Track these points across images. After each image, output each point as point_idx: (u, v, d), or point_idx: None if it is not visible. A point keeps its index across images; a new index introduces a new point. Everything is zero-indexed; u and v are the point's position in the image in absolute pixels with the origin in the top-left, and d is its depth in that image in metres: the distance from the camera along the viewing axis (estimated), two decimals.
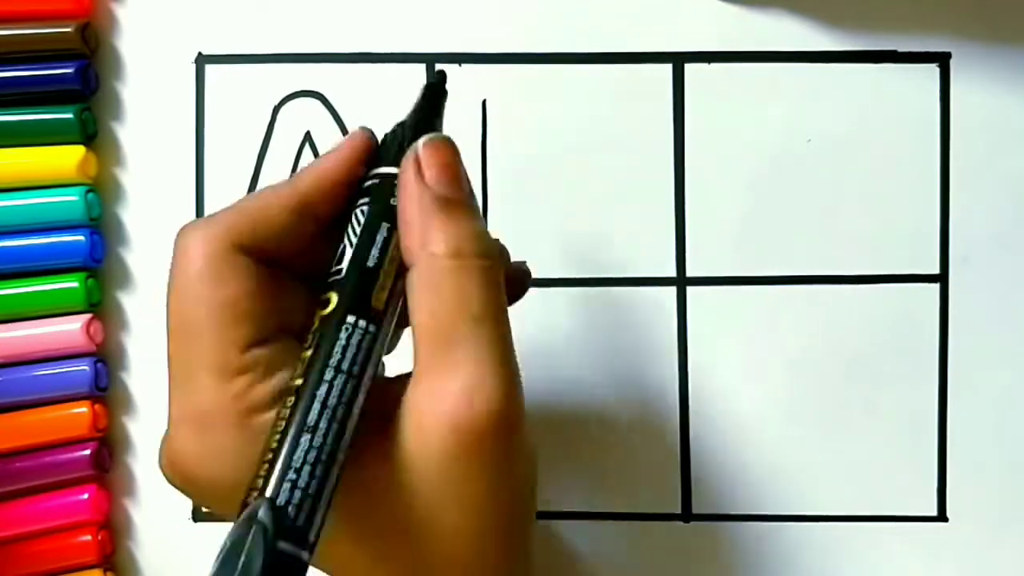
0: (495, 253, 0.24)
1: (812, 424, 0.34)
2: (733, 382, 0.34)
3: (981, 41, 0.34)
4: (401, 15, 0.34)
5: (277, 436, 0.22)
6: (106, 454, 0.35)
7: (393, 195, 0.24)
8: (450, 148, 0.25)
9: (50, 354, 0.34)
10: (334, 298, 0.23)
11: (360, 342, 0.23)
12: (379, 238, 0.24)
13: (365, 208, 0.24)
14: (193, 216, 0.35)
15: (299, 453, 0.21)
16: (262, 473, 0.21)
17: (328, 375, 0.22)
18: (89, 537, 0.34)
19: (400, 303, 0.24)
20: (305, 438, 0.21)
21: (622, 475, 0.34)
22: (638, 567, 0.34)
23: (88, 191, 0.34)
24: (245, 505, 0.21)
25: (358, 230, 0.24)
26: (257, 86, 0.35)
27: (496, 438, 0.22)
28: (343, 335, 0.23)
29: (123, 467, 0.35)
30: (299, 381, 0.22)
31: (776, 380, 0.34)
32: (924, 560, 0.34)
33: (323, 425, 0.22)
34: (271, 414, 0.23)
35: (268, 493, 0.21)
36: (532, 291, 0.34)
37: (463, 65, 0.34)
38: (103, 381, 0.35)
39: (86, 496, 0.34)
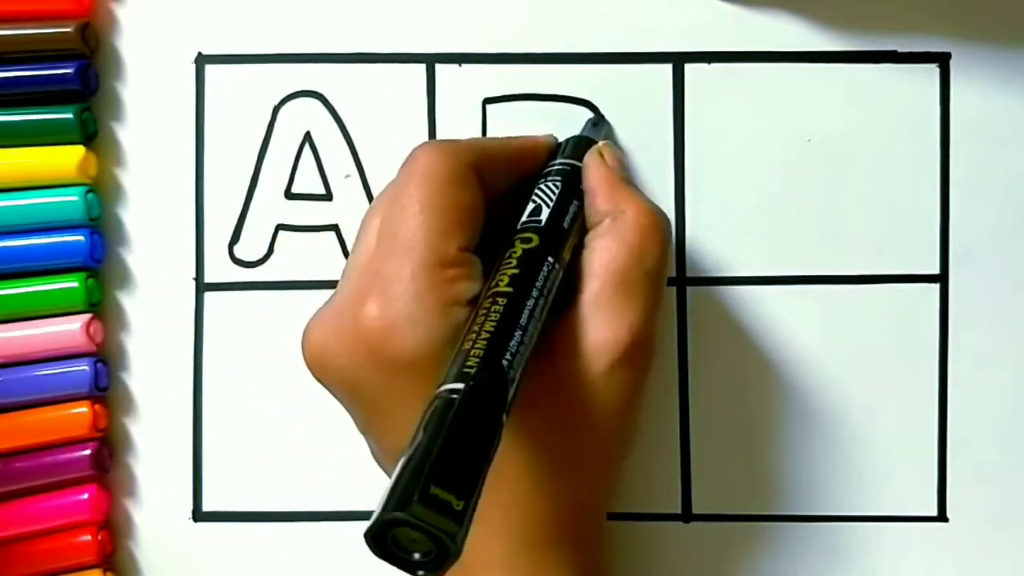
0: (669, 221, 0.30)
1: (812, 424, 0.34)
2: (733, 382, 0.34)
3: (981, 41, 0.34)
4: (401, 15, 0.34)
5: (493, 324, 0.25)
6: (106, 454, 0.35)
7: (579, 182, 0.30)
8: (618, 149, 0.33)
9: (50, 354, 0.34)
10: (536, 238, 0.28)
11: (554, 278, 0.27)
12: (571, 209, 0.29)
13: (558, 182, 0.30)
14: (193, 216, 0.35)
15: (513, 343, 0.25)
16: (478, 349, 0.24)
17: (535, 292, 0.26)
18: (89, 537, 0.34)
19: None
20: (518, 334, 0.25)
21: (622, 475, 0.34)
22: (638, 567, 0.34)
23: (88, 191, 0.34)
24: (464, 365, 0.23)
25: (553, 195, 0.29)
26: (257, 86, 0.35)
27: (641, 364, 0.29)
28: (545, 268, 0.27)
29: (123, 467, 0.35)
30: (509, 289, 0.26)
31: (776, 380, 0.34)
32: (924, 560, 0.34)
33: (529, 328, 0.25)
34: (466, 310, 0.26)
35: (492, 362, 0.24)
36: None
37: (463, 65, 0.34)
38: (103, 381, 0.35)
39: (86, 496, 0.34)
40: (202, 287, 0.35)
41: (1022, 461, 0.34)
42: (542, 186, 0.30)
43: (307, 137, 0.35)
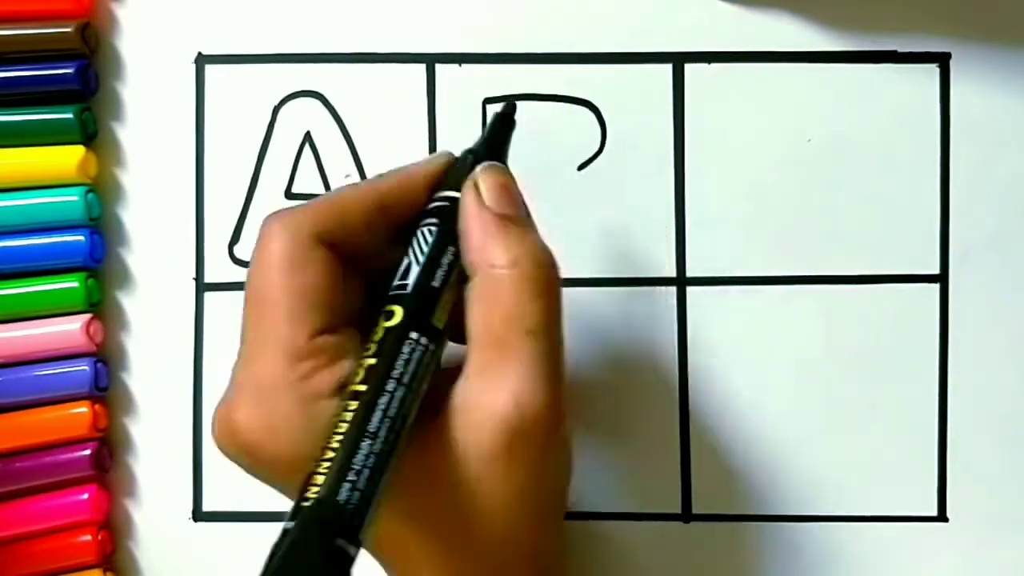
0: (551, 262, 0.26)
1: (812, 424, 0.34)
2: (733, 382, 0.34)
3: (981, 41, 0.34)
4: (401, 15, 0.34)
5: (339, 437, 0.23)
6: (106, 454, 0.35)
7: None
8: (505, 172, 0.28)
9: (50, 354, 0.34)
10: (399, 312, 0.25)
11: (420, 358, 0.24)
12: (444, 261, 0.26)
13: (432, 228, 0.26)
14: (193, 216, 0.35)
15: (359, 457, 0.22)
16: (322, 470, 0.22)
17: (390, 386, 0.24)
18: (89, 537, 0.34)
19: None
20: (366, 443, 0.23)
21: (622, 475, 0.34)
22: (638, 567, 0.34)
23: (88, 191, 0.34)
24: (303, 496, 0.22)
25: (424, 248, 0.26)
26: (257, 86, 0.35)
27: (537, 438, 0.25)
28: (406, 349, 0.24)
29: (123, 467, 0.35)
30: (362, 387, 0.24)
31: (776, 380, 0.34)
32: (924, 560, 0.34)
33: (382, 433, 0.23)
34: (331, 402, 0.24)
35: (328, 492, 0.22)
36: None
37: (463, 65, 0.34)
38: (103, 381, 0.35)
39: (86, 496, 0.34)
40: (202, 287, 0.35)
41: (1022, 461, 0.34)
42: (417, 234, 0.26)
43: (307, 137, 0.35)
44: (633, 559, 0.34)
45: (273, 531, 0.34)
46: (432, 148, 0.34)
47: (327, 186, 0.35)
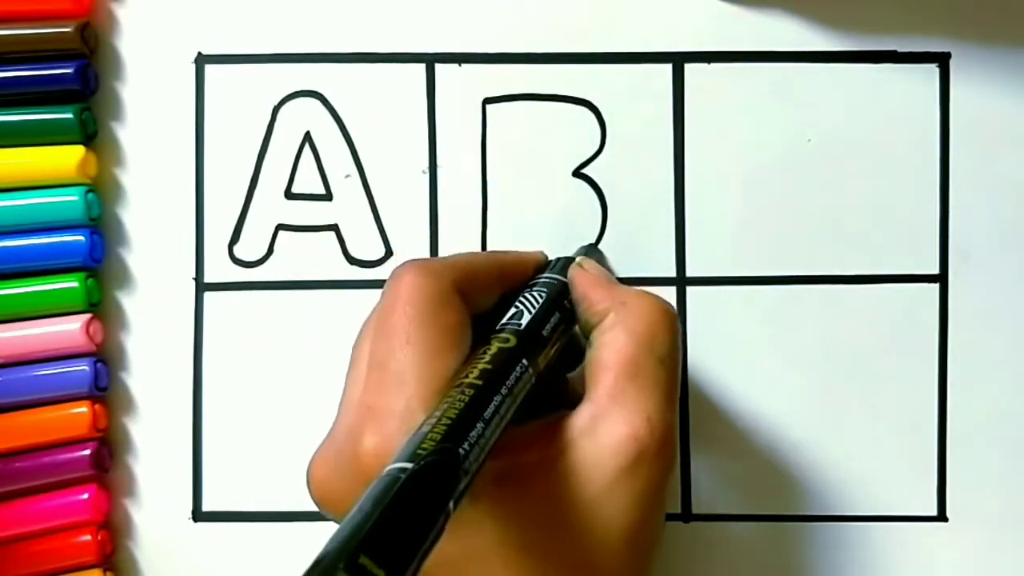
0: (674, 307, 0.28)
1: (812, 424, 0.34)
2: (733, 382, 0.34)
3: (981, 41, 0.34)
4: (401, 15, 0.34)
5: (456, 411, 0.23)
6: (106, 454, 0.35)
7: (564, 297, 0.29)
8: (602, 262, 0.33)
9: (50, 354, 0.34)
10: (513, 339, 0.27)
11: (526, 381, 0.26)
12: (552, 319, 0.28)
13: (543, 292, 0.29)
14: (193, 216, 0.35)
15: (474, 434, 0.23)
16: (436, 432, 0.23)
17: (503, 390, 0.25)
18: (89, 537, 0.34)
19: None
20: (479, 426, 0.24)
21: None
22: None
23: (88, 191, 0.34)
24: (420, 448, 0.22)
25: (536, 302, 0.28)
26: (257, 86, 0.35)
27: (661, 461, 0.26)
28: (518, 369, 0.26)
29: (123, 467, 0.35)
30: (478, 381, 0.25)
31: (776, 380, 0.34)
32: (924, 560, 0.34)
33: (492, 423, 0.24)
34: None
35: (451, 448, 0.23)
36: None
37: (463, 65, 0.34)
38: (103, 381, 0.35)
39: (86, 496, 0.34)
40: (202, 287, 0.35)
41: (1022, 461, 0.34)
42: (526, 294, 0.29)
43: (307, 137, 0.35)
44: None
45: (273, 531, 0.35)
46: (432, 148, 0.34)
47: (327, 186, 0.35)
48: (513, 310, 0.28)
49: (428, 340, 0.26)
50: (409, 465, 0.22)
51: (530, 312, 0.28)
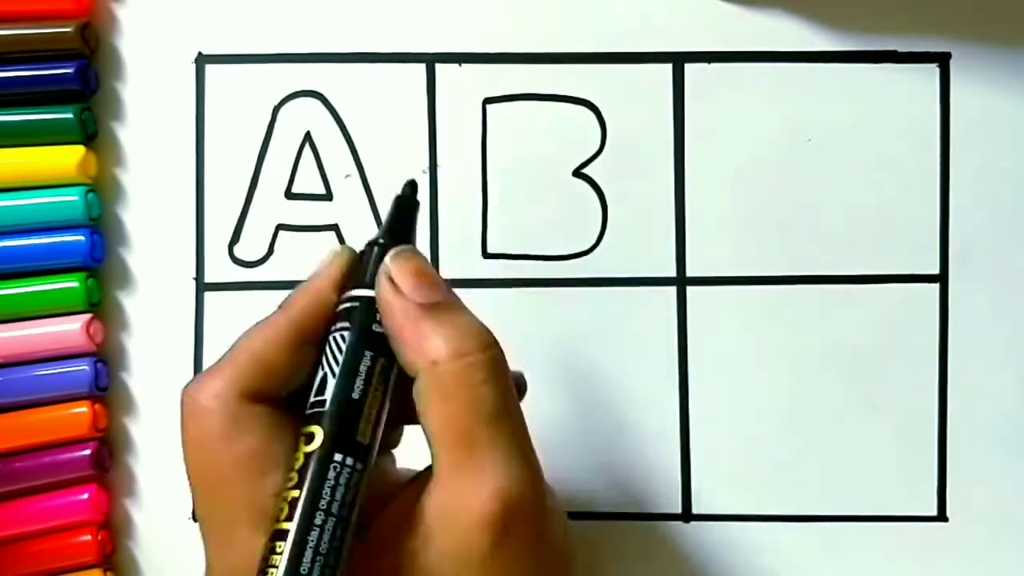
0: (493, 340, 0.24)
1: (812, 424, 0.34)
2: (733, 382, 0.34)
3: (981, 41, 0.34)
4: (401, 15, 0.34)
5: (276, 571, 0.21)
6: (106, 454, 0.35)
7: (373, 319, 0.24)
8: (416, 254, 0.25)
9: (50, 354, 0.34)
10: (318, 433, 0.23)
11: (348, 480, 0.23)
12: (362, 368, 0.24)
13: (345, 334, 0.24)
14: (193, 216, 0.35)
15: None
16: None
17: (318, 519, 0.22)
18: (89, 537, 0.34)
19: (382, 425, 0.24)
20: (305, 563, 0.21)
21: (622, 475, 0.34)
22: (638, 567, 0.34)
23: (88, 191, 0.34)
24: None
25: (338, 357, 0.24)
26: (257, 86, 0.35)
27: (529, 526, 0.23)
28: (331, 475, 0.23)
29: (123, 467, 0.35)
30: (287, 525, 0.22)
31: (776, 380, 0.34)
32: (924, 560, 0.34)
33: (316, 572, 0.21)
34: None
35: None
36: (531, 291, 0.34)
37: (463, 65, 0.34)
38: (103, 381, 0.35)
39: (86, 496, 0.34)
40: (202, 287, 0.35)
41: (1022, 461, 0.34)
42: (329, 343, 0.25)
43: (307, 137, 0.35)
44: (633, 559, 0.34)
45: None
46: (432, 148, 0.34)
47: (327, 186, 0.35)
48: (319, 376, 0.24)
49: (236, 480, 0.24)
50: None
51: (333, 374, 0.24)
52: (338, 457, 0.23)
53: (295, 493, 0.22)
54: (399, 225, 0.27)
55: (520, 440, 0.24)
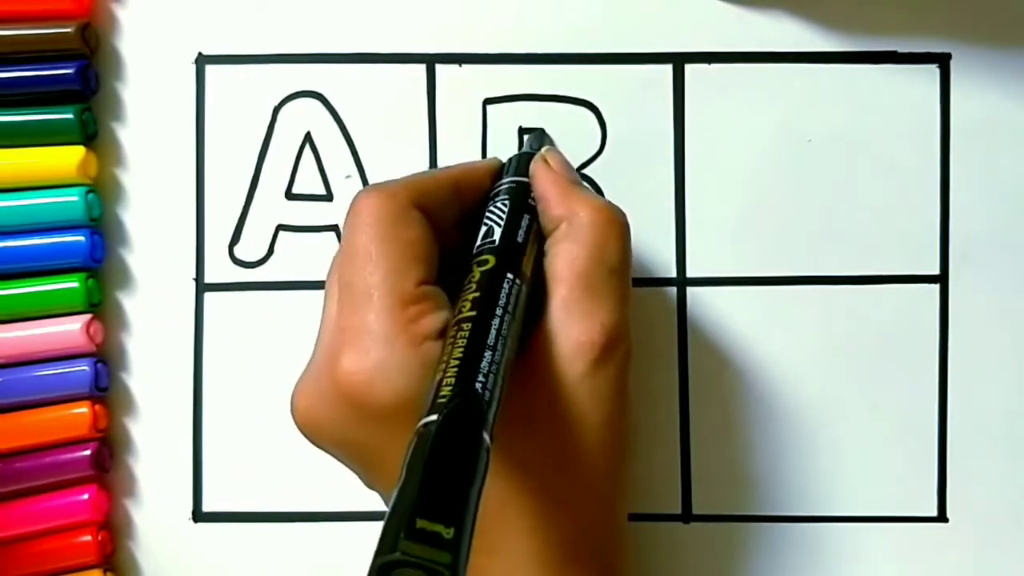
0: (624, 215, 0.29)
1: (812, 424, 0.34)
2: (733, 382, 0.34)
3: (981, 41, 0.34)
4: (401, 15, 0.34)
5: (461, 351, 0.24)
6: (106, 454, 0.35)
7: (527, 196, 0.30)
8: (561, 153, 0.32)
9: (50, 354, 0.34)
10: (492, 259, 0.27)
11: (517, 293, 0.27)
12: (523, 223, 0.29)
13: (505, 201, 0.30)
14: (193, 216, 0.35)
15: (484, 364, 0.24)
16: (449, 377, 0.23)
17: (498, 311, 0.26)
18: (89, 537, 0.34)
19: (531, 273, 0.28)
20: (488, 354, 0.24)
21: (631, 478, 0.34)
22: (638, 567, 0.34)
23: (88, 191, 0.34)
24: (437, 396, 0.23)
25: (503, 214, 0.29)
26: (257, 86, 0.35)
27: (617, 358, 0.28)
28: (506, 285, 0.26)
29: (123, 467, 0.35)
30: (472, 313, 0.25)
31: (776, 380, 0.34)
32: (924, 560, 0.34)
33: (499, 346, 0.25)
34: (436, 344, 0.26)
35: (465, 386, 0.23)
36: None
37: (463, 65, 0.34)
38: (103, 381, 0.35)
39: (86, 496, 0.34)
40: (202, 287, 0.35)
41: (1022, 461, 0.34)
42: (491, 208, 0.30)
43: (307, 137, 0.35)
44: (633, 559, 0.34)
45: (273, 531, 0.35)
46: (432, 148, 0.35)
47: (327, 186, 0.35)
48: (483, 228, 0.29)
49: (391, 256, 0.27)
50: (434, 417, 0.22)
51: (499, 226, 0.29)
52: (509, 275, 0.27)
53: (476, 295, 0.26)
54: (534, 142, 0.33)
55: (626, 295, 0.28)
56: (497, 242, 0.28)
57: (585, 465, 0.27)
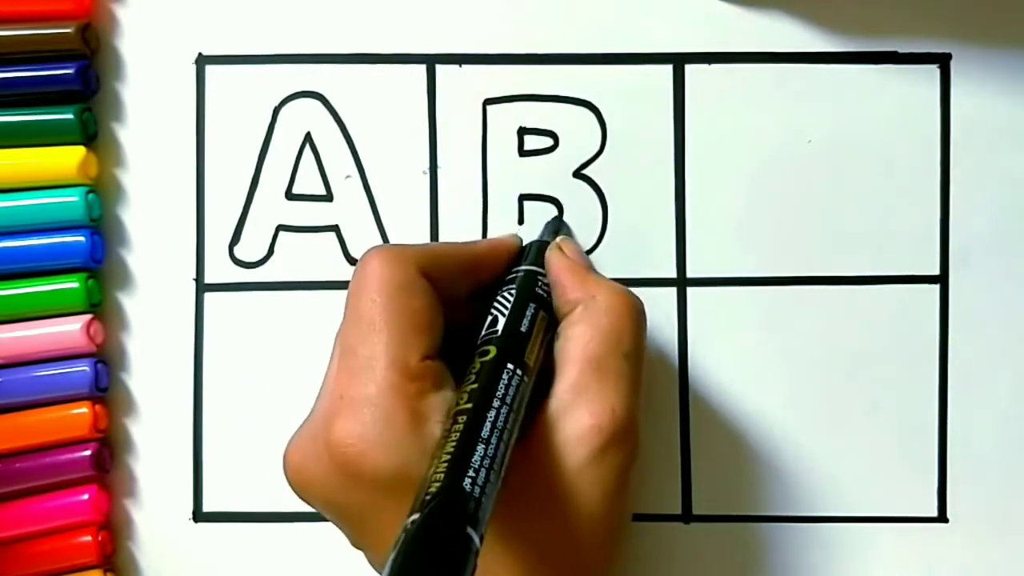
0: (641, 302, 0.29)
1: (812, 424, 0.34)
2: (733, 382, 0.34)
3: (981, 41, 0.34)
4: (401, 15, 0.35)
5: (453, 444, 0.24)
6: (106, 455, 0.35)
7: (536, 285, 0.30)
8: (577, 242, 0.33)
9: (51, 355, 0.34)
10: (492, 349, 0.27)
11: (518, 385, 0.26)
12: (528, 312, 0.29)
13: (512, 290, 0.29)
14: (193, 216, 0.35)
15: (476, 457, 0.23)
16: (440, 470, 0.23)
17: (495, 403, 0.25)
18: (89, 538, 0.34)
19: (539, 362, 0.28)
20: (480, 448, 0.24)
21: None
22: (638, 567, 0.34)
23: (88, 191, 0.34)
24: (426, 492, 0.22)
25: (508, 303, 0.29)
26: (257, 86, 0.35)
27: (624, 445, 0.27)
28: (505, 376, 0.26)
29: (123, 467, 0.35)
30: (468, 405, 0.25)
31: (776, 380, 0.34)
32: (924, 560, 0.34)
33: (493, 439, 0.24)
34: (438, 425, 0.26)
35: (453, 481, 0.23)
36: None
37: (463, 65, 0.34)
38: (103, 382, 0.35)
39: (86, 496, 0.34)
40: (202, 287, 0.35)
41: (1022, 461, 0.34)
42: (498, 298, 0.29)
43: (307, 137, 0.35)
44: (633, 559, 0.34)
45: (273, 531, 0.35)
46: (432, 148, 0.35)
47: (327, 187, 0.35)
48: (489, 318, 0.28)
49: (395, 326, 0.27)
50: (416, 517, 0.22)
51: (503, 315, 0.28)
52: (510, 366, 0.26)
53: (473, 386, 0.26)
54: (552, 230, 0.33)
55: (639, 383, 0.28)
56: (499, 331, 0.28)
57: (575, 555, 0.27)
